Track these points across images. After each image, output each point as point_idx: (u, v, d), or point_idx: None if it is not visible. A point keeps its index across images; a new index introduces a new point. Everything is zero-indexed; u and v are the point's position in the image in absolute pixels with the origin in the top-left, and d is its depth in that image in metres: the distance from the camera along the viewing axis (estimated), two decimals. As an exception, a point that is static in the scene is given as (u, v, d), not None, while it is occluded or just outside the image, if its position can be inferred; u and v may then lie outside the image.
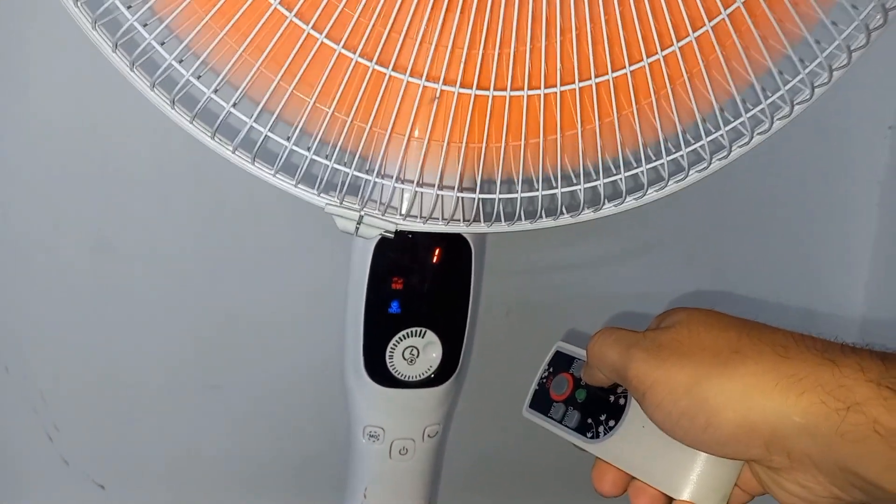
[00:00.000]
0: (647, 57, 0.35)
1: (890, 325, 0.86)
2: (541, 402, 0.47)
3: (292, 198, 0.62)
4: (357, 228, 0.42)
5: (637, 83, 0.36)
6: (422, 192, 0.39)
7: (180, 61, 0.35)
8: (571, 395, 0.45)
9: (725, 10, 0.33)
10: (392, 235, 0.42)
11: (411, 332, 0.46)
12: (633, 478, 0.40)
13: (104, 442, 0.69)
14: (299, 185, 0.40)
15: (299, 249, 0.66)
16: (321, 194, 0.40)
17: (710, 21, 0.34)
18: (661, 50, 0.34)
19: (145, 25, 0.34)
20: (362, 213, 0.41)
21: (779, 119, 0.40)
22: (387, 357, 0.46)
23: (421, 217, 0.40)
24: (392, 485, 0.49)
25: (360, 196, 0.40)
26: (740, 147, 0.42)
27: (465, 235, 0.44)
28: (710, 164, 0.41)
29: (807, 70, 0.37)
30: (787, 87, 0.37)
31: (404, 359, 0.46)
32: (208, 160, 0.60)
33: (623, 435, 0.41)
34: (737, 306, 0.82)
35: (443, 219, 0.40)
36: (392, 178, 0.38)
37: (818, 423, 0.33)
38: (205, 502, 0.73)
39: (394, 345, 0.46)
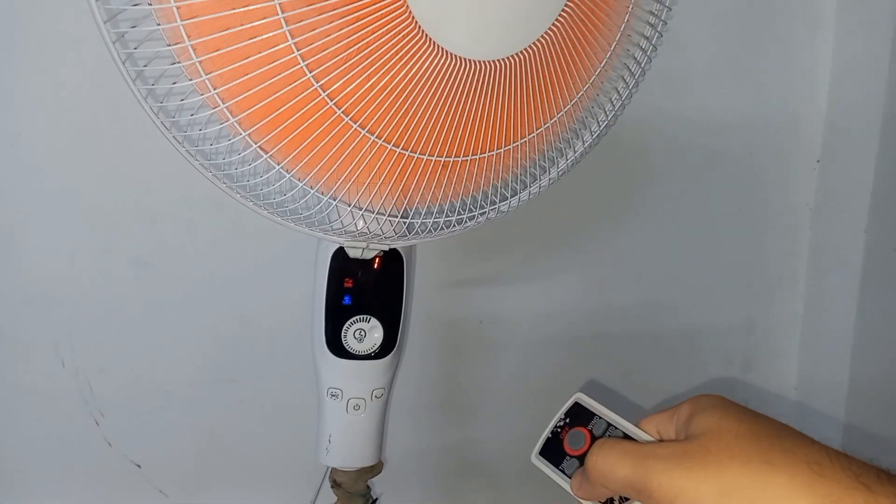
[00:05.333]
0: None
1: (826, 327, 0.95)
2: (553, 451, 0.44)
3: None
4: (362, 252, 0.54)
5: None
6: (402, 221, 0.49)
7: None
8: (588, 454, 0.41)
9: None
10: (382, 253, 0.54)
11: (360, 318, 0.57)
12: None
13: (141, 427, 0.76)
14: (328, 234, 0.50)
15: (299, 263, 0.69)
16: (344, 237, 0.51)
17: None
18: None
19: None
20: (367, 244, 0.53)
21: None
22: (342, 337, 0.56)
23: (396, 236, 0.51)
24: (349, 433, 0.59)
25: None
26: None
27: (397, 248, 0.55)
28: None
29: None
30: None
31: (355, 338, 0.56)
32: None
33: None
34: (682, 317, 0.91)
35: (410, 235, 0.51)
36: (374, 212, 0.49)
37: None
38: (224, 478, 0.79)
39: (347, 328, 0.56)
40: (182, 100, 0.40)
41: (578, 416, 0.44)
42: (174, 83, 0.39)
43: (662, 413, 0.41)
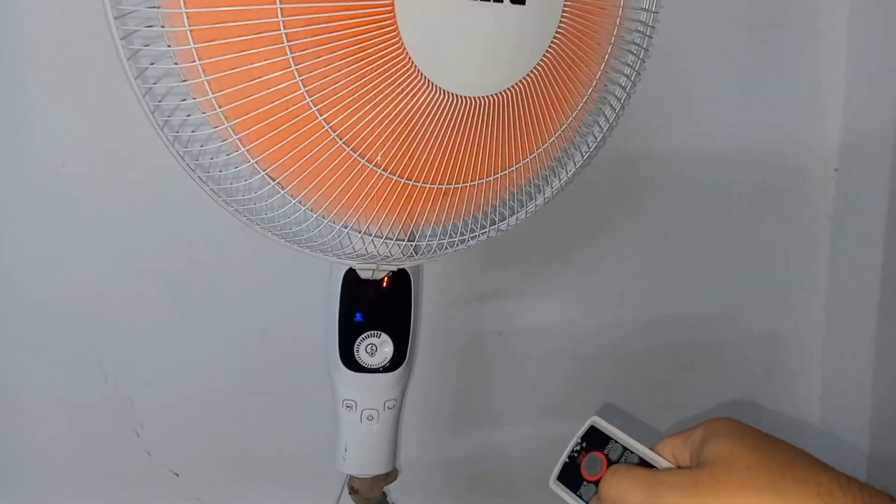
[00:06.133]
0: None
1: (848, 336, 0.96)
2: (570, 476, 0.44)
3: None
4: (373, 273, 0.57)
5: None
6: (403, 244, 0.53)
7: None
8: None
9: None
10: (391, 273, 0.58)
11: (371, 334, 0.59)
12: None
13: (179, 437, 0.79)
14: (340, 258, 0.54)
15: (323, 282, 0.74)
16: (356, 261, 0.55)
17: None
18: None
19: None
20: (377, 266, 0.56)
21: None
22: (355, 351, 0.59)
23: (404, 258, 0.55)
24: (364, 442, 0.62)
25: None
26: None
27: (405, 268, 0.59)
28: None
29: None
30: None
31: (367, 353, 0.59)
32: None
33: None
34: (703, 329, 0.92)
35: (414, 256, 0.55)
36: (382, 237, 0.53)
37: None
38: (256, 485, 0.82)
39: (359, 343, 0.59)
40: (202, 145, 0.44)
41: (595, 440, 0.44)
42: (193, 131, 0.42)
43: (677, 436, 0.42)
